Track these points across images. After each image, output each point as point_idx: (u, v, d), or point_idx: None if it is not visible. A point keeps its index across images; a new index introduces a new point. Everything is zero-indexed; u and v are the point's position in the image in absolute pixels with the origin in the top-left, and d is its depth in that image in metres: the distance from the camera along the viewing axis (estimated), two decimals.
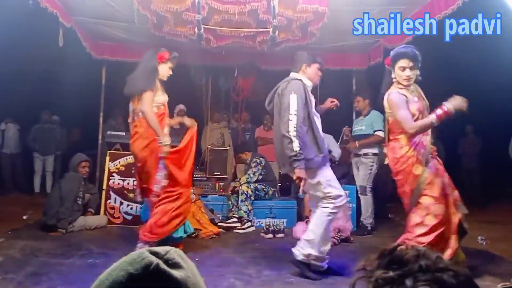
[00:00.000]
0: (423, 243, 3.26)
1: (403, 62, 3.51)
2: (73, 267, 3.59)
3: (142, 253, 0.69)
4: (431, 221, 3.34)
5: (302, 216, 5.60)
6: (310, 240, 3.55)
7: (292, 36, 5.18)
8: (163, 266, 0.67)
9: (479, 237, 4.95)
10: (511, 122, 8.06)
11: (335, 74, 6.09)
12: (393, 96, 3.48)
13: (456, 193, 3.51)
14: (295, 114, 3.45)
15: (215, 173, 6.31)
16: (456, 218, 3.43)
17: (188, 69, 6.92)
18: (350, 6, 4.60)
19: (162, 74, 4.01)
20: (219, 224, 5.53)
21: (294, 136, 3.42)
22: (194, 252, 4.14)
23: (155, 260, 0.67)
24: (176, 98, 7.64)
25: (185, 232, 4.16)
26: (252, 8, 4.50)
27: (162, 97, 3.99)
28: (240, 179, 6.02)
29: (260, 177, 5.90)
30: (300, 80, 3.64)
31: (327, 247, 3.63)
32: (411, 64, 3.50)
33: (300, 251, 3.55)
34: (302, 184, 3.46)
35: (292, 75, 3.75)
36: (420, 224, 3.38)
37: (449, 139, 8.70)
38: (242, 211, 5.61)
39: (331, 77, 5.32)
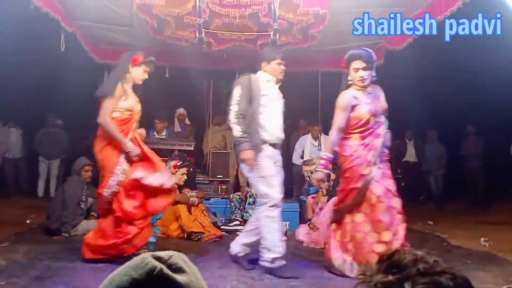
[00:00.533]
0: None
1: (356, 64, 3.62)
2: (77, 271, 3.60)
3: (145, 258, 0.70)
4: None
5: (304, 219, 5.59)
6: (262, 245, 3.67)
7: (293, 39, 5.20)
8: (166, 271, 0.67)
9: (482, 239, 4.94)
10: None
11: (336, 76, 6.08)
12: (341, 97, 3.65)
13: (396, 201, 3.61)
14: (236, 104, 3.67)
15: (218, 176, 6.32)
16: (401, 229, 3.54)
17: (189, 73, 6.94)
18: (351, 8, 4.61)
19: (135, 77, 3.89)
20: (222, 227, 5.53)
21: (235, 123, 3.64)
22: (197, 255, 4.13)
23: (158, 265, 0.68)
24: (177, 101, 7.69)
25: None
26: (253, 12, 4.52)
27: (128, 103, 3.84)
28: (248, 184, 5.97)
29: None
30: (251, 75, 3.81)
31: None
32: (363, 65, 3.61)
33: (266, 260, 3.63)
34: (250, 164, 3.60)
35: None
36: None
37: (451, 140, 8.72)
38: (248, 214, 5.55)
39: (332, 79, 5.32)
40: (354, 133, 3.60)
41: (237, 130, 3.63)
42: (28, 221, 5.67)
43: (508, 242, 4.81)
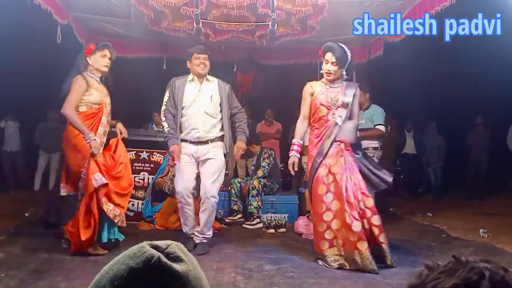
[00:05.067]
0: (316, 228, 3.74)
1: (327, 56, 3.79)
2: (75, 264, 3.59)
3: (142, 247, 0.68)
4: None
5: (303, 211, 5.60)
6: None
7: (291, 30, 5.15)
8: (164, 259, 0.66)
9: (481, 230, 4.95)
10: None
11: None
12: (305, 86, 3.92)
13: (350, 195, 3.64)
14: (164, 105, 4.15)
15: None
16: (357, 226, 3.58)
17: (187, 65, 6.90)
18: None
19: (97, 66, 3.90)
20: (226, 219, 5.54)
21: (163, 120, 4.13)
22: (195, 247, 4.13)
23: (156, 253, 0.67)
24: None
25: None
26: (250, 2, 4.47)
27: (94, 97, 3.85)
28: (252, 176, 5.96)
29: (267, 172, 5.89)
30: (175, 78, 4.20)
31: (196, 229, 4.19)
32: (333, 59, 3.75)
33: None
34: (176, 159, 4.05)
35: None
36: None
37: (451, 132, 8.71)
38: (252, 207, 5.57)
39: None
40: (313, 123, 3.89)
41: (165, 127, 4.09)
42: (26, 214, 5.66)
43: (507, 233, 4.83)
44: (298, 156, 3.95)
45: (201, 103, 4.09)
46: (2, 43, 6.13)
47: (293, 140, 3.97)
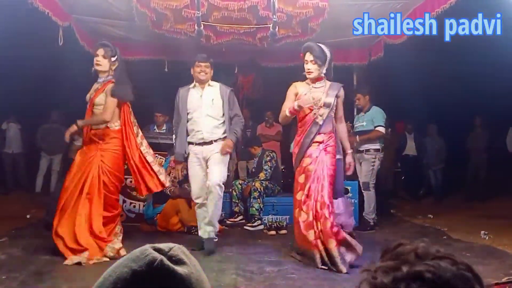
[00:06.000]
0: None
1: (307, 56, 3.90)
2: (77, 266, 3.59)
3: (145, 250, 0.69)
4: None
5: None
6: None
7: (292, 32, 5.16)
8: (166, 262, 0.67)
9: (482, 232, 4.94)
10: None
11: (335, 70, 6.06)
12: (290, 86, 4.07)
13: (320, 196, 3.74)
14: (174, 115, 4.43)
15: None
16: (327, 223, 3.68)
17: (188, 67, 6.90)
18: (351, 1, 4.59)
19: (95, 66, 4.10)
20: (227, 221, 5.54)
21: (174, 132, 4.45)
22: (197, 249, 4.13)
23: (158, 256, 0.67)
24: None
25: None
26: (251, 5, 4.49)
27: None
28: (254, 178, 5.97)
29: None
30: (180, 89, 4.37)
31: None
32: (311, 58, 3.86)
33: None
34: (179, 175, 4.55)
35: None
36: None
37: (451, 134, 8.71)
38: (254, 209, 5.57)
39: (332, 72, 5.30)
40: (298, 123, 4.03)
41: (174, 139, 4.44)
42: (28, 216, 5.67)
43: (508, 236, 4.82)
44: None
45: (203, 107, 4.23)
46: (4, 45, 6.14)
47: (287, 108, 4.02)
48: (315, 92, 3.92)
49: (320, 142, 3.89)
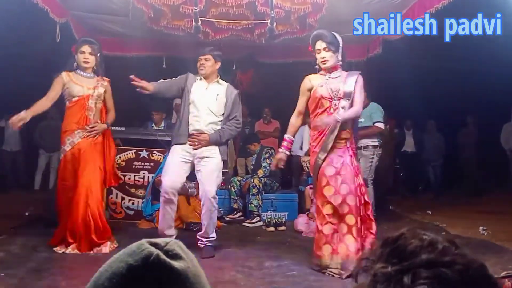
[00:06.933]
0: (320, 231, 3.42)
1: (318, 44, 3.57)
2: (75, 262, 3.60)
3: (141, 245, 0.68)
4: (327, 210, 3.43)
5: (303, 209, 5.60)
6: None
7: (291, 28, 5.15)
8: (163, 257, 0.66)
9: (481, 227, 4.95)
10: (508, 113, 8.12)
11: None
12: (304, 80, 3.69)
13: (351, 198, 3.39)
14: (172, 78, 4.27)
15: None
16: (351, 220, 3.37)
17: (186, 63, 6.89)
18: None
19: (80, 63, 4.07)
20: (226, 218, 5.54)
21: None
22: (196, 246, 4.13)
23: (155, 251, 0.66)
24: None
25: None
26: (250, 0, 4.48)
27: (69, 91, 4.09)
28: (253, 175, 5.95)
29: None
30: (194, 75, 4.17)
31: (169, 232, 4.00)
32: (324, 45, 3.53)
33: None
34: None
35: None
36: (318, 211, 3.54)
37: (450, 130, 8.73)
38: (253, 205, 5.57)
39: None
40: (316, 118, 3.63)
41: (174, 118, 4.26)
42: (27, 213, 5.66)
43: (507, 231, 4.83)
44: (287, 153, 3.77)
45: (206, 99, 4.04)
46: (2, 41, 6.12)
47: (284, 136, 3.81)
48: (332, 83, 3.55)
49: (345, 139, 3.53)
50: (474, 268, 0.58)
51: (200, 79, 4.14)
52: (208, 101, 4.05)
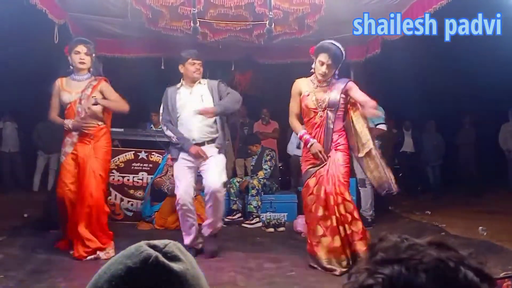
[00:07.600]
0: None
1: (323, 57, 3.57)
2: (74, 264, 3.59)
3: (140, 247, 0.68)
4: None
5: (302, 209, 5.59)
6: None
7: (289, 29, 5.15)
8: (162, 259, 0.66)
9: (480, 228, 4.95)
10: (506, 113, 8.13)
11: None
12: (293, 84, 3.77)
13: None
14: (161, 114, 4.15)
15: None
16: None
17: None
18: None
19: (73, 63, 4.00)
20: (226, 219, 5.54)
21: (165, 130, 4.06)
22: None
23: (153, 253, 0.66)
24: None
25: None
26: (248, 2, 4.48)
27: (61, 98, 4.04)
28: (253, 176, 5.95)
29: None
30: (168, 88, 4.11)
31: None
32: (329, 61, 3.55)
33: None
34: (204, 156, 3.92)
35: None
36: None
37: (449, 130, 8.74)
38: (252, 206, 5.58)
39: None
40: (305, 125, 3.77)
41: (171, 136, 3.99)
42: (25, 215, 5.65)
43: (506, 231, 4.83)
44: (314, 140, 3.71)
45: (193, 104, 3.98)
46: (0, 43, 6.12)
47: (299, 134, 3.80)
48: (319, 93, 3.66)
49: (335, 141, 3.68)
50: (427, 262, 0.59)
51: (182, 85, 4.10)
52: (195, 105, 3.98)
